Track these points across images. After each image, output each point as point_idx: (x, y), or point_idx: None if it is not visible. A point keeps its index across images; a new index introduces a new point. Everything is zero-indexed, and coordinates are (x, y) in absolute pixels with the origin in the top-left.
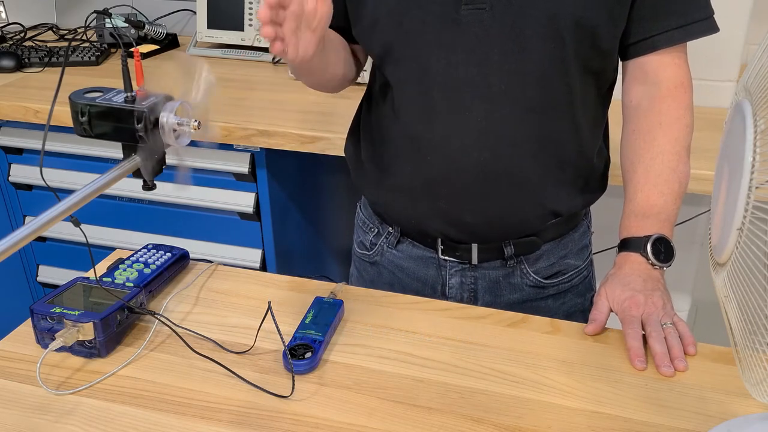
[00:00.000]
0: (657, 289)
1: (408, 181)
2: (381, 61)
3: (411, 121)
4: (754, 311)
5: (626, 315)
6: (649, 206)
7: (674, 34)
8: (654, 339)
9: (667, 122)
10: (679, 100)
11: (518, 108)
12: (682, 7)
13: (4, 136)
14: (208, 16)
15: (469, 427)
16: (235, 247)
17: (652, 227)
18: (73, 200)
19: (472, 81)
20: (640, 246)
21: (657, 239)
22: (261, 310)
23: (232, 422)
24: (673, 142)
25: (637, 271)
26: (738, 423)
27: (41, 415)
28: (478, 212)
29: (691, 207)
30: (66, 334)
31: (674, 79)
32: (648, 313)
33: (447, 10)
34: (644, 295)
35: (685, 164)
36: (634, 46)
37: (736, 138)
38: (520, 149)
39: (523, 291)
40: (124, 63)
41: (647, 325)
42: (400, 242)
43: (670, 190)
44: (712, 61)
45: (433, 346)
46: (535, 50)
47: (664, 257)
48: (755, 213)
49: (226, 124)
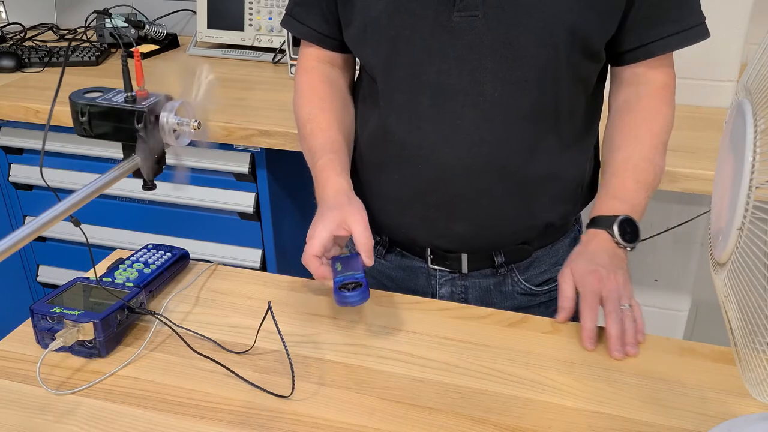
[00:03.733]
0: (621, 267)
1: (397, 189)
2: (370, 67)
3: (400, 129)
4: (754, 311)
5: (587, 289)
6: (622, 190)
7: (670, 40)
8: (612, 320)
9: (649, 116)
10: (662, 97)
11: (510, 116)
12: (677, 14)
13: (4, 136)
14: (208, 16)
15: (469, 427)
16: (235, 247)
17: (621, 208)
18: (73, 200)
19: (464, 89)
20: (607, 224)
21: (624, 219)
22: (261, 310)
23: (232, 422)
24: (652, 135)
25: (602, 248)
26: (738, 423)
27: (41, 415)
28: (468, 222)
29: (691, 207)
30: (66, 334)
31: (662, 80)
32: (609, 290)
33: (439, 17)
34: (608, 271)
35: (661, 158)
36: (630, 53)
37: (736, 138)
38: (511, 158)
39: (515, 299)
40: (124, 63)
41: (607, 303)
42: (389, 252)
43: (644, 179)
44: (712, 61)
45: (433, 346)
46: (528, 58)
47: (629, 237)
48: (755, 213)
49: (226, 124)
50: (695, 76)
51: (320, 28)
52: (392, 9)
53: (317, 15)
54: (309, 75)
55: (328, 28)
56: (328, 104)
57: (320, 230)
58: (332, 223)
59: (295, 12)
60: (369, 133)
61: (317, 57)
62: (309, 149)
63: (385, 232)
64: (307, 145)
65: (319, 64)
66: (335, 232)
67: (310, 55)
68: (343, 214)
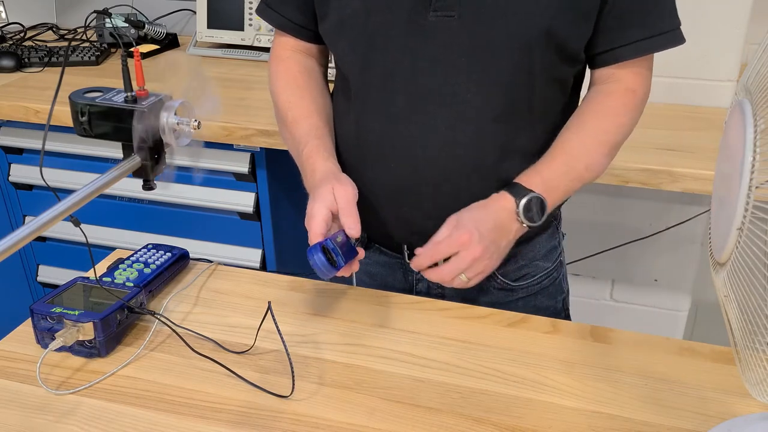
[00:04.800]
0: (495, 242)
1: (371, 187)
2: (345, 64)
3: (375, 128)
4: (754, 311)
5: (449, 236)
6: (548, 170)
7: (639, 45)
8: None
9: (603, 113)
10: (624, 100)
11: (484, 117)
12: (648, 19)
13: (4, 136)
14: (208, 16)
15: (470, 427)
16: (235, 247)
17: (538, 186)
18: (73, 200)
19: (438, 89)
20: (517, 194)
21: (535, 197)
22: (261, 310)
23: (232, 422)
24: (600, 132)
25: (497, 214)
26: (738, 423)
27: (41, 415)
28: (441, 219)
29: (691, 207)
30: (66, 333)
31: (630, 84)
32: (464, 256)
33: (415, 17)
34: (480, 239)
35: (602, 156)
36: (600, 56)
37: (736, 138)
38: (484, 158)
39: (492, 294)
40: (124, 63)
41: (452, 262)
42: (367, 248)
43: (574, 167)
44: (712, 61)
45: (433, 346)
46: (502, 59)
47: (531, 216)
48: (755, 213)
49: (226, 124)
50: (695, 76)
51: (296, 18)
52: (369, 7)
53: (293, 5)
54: (285, 64)
55: (303, 19)
56: (307, 92)
57: (318, 207)
58: (327, 197)
59: (270, 1)
60: (343, 131)
61: (292, 47)
62: (292, 137)
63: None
64: (289, 132)
65: (295, 53)
66: (332, 208)
67: (285, 44)
68: (333, 187)
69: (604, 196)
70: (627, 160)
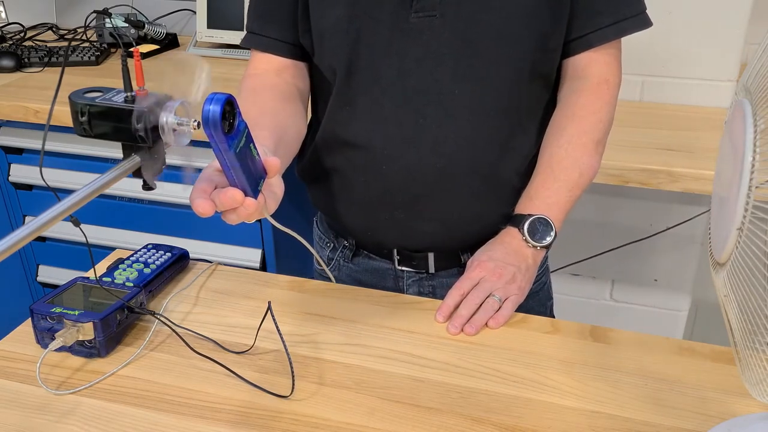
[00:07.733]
0: (513, 264)
1: (363, 192)
2: (330, 72)
3: (364, 131)
4: (754, 311)
5: (465, 275)
6: (541, 189)
7: (607, 31)
8: (466, 302)
9: (580, 114)
10: (599, 95)
11: (473, 114)
12: (612, 5)
13: (4, 136)
14: (208, 16)
15: (469, 427)
16: (235, 247)
17: (537, 208)
18: (73, 200)
19: (425, 88)
20: (519, 222)
21: (537, 219)
22: (261, 310)
23: (232, 422)
24: (581, 134)
25: (505, 243)
26: (738, 423)
27: (41, 415)
28: (436, 221)
29: (691, 207)
30: (66, 334)
31: (601, 75)
32: (486, 280)
33: (396, 19)
34: (495, 264)
35: (591, 157)
36: (569, 44)
37: (736, 138)
38: (476, 156)
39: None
40: (123, 63)
41: (475, 289)
42: (356, 255)
43: (567, 177)
44: (712, 61)
45: (433, 346)
46: (487, 55)
47: (539, 236)
48: (755, 213)
49: None
50: (695, 76)
51: (282, 36)
52: (351, 14)
53: (276, 24)
54: (253, 80)
55: (289, 35)
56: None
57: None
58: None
59: (252, 27)
60: (330, 139)
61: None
62: None
63: (352, 236)
64: None
65: (267, 72)
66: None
67: (259, 60)
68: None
69: (604, 196)
70: (626, 160)
